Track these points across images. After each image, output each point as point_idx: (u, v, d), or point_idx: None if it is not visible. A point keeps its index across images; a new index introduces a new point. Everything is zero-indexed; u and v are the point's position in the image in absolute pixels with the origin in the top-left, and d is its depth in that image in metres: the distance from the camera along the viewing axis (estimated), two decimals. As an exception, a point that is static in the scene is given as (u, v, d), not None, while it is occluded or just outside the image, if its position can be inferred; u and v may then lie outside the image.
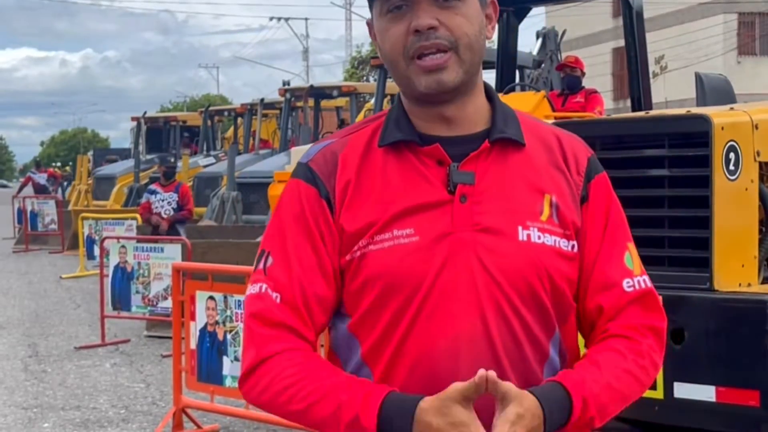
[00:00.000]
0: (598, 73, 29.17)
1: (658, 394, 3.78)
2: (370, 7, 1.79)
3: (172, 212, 11.94)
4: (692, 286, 3.79)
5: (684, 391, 3.73)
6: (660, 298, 1.82)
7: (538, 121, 1.87)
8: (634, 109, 7.60)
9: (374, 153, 1.78)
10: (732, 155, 3.82)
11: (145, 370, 8.65)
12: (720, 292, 3.74)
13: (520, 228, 1.71)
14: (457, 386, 1.58)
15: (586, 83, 9.36)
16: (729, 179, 3.81)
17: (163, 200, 12.02)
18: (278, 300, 1.75)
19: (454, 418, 1.57)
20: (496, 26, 1.84)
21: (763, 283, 4.01)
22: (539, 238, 1.72)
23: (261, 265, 1.80)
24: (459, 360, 1.66)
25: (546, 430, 1.62)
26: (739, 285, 3.82)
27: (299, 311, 1.75)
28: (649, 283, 1.81)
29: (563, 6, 25.62)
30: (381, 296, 1.70)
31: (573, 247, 1.75)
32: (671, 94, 24.14)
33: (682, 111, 4.12)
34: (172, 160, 12.85)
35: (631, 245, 1.84)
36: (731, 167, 3.82)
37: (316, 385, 1.68)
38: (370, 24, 1.83)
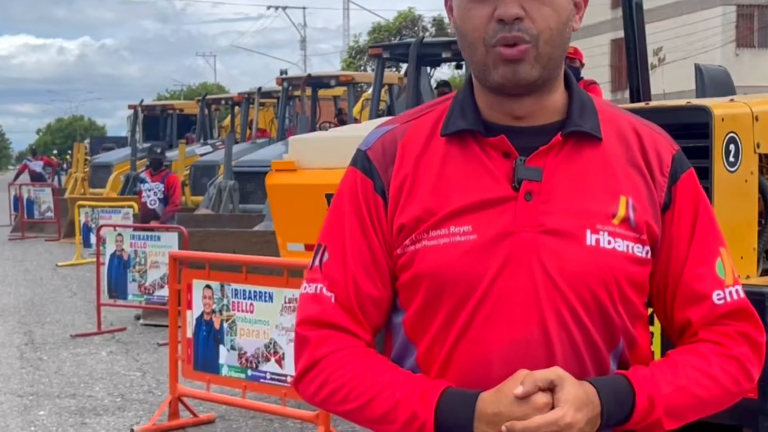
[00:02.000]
0: (597, 65, 29.16)
1: (656, 385, 3.77)
2: None
3: (157, 202, 11.84)
4: (691, 277, 3.78)
5: (682, 382, 3.72)
6: (755, 310, 1.68)
7: (616, 109, 1.75)
8: (632, 101, 7.56)
9: (436, 141, 1.67)
10: (732, 147, 3.80)
11: (141, 359, 8.64)
12: (719, 284, 3.73)
13: (588, 231, 1.59)
14: (518, 376, 1.52)
15: (585, 75, 9.32)
16: (729, 171, 3.80)
17: (149, 190, 11.95)
18: (333, 300, 1.69)
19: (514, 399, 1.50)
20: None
21: (762, 275, 4.00)
22: (609, 243, 1.59)
23: (317, 261, 1.74)
24: (514, 368, 1.55)
25: (602, 423, 1.54)
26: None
27: (354, 312, 1.69)
28: (742, 294, 1.68)
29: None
30: (433, 296, 1.62)
31: (647, 252, 1.63)
32: (669, 86, 24.11)
33: (682, 102, 4.10)
34: (159, 150, 12.68)
35: (724, 250, 1.70)
36: (731, 159, 3.80)
37: (372, 383, 1.62)
38: (448, 1, 1.71)
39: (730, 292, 1.66)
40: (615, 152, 1.65)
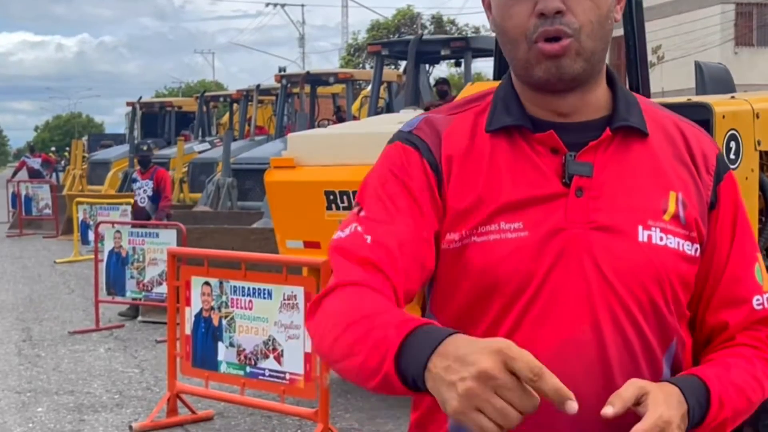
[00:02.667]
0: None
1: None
2: None
3: (146, 200, 11.77)
4: (691, 275, 3.77)
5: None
6: None
7: (658, 107, 1.74)
8: (632, 98, 7.57)
9: (481, 137, 1.63)
10: (733, 144, 3.80)
11: (140, 356, 8.63)
12: (719, 281, 3.73)
13: (640, 227, 1.56)
14: (527, 358, 1.27)
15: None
16: (729, 168, 3.79)
17: (140, 188, 11.89)
18: (369, 240, 1.55)
19: (480, 366, 1.27)
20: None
21: (762, 272, 3.99)
22: (661, 239, 1.57)
23: (354, 212, 1.62)
24: (566, 368, 1.47)
25: (689, 421, 1.49)
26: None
27: (392, 254, 1.54)
28: None
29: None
30: (482, 294, 1.56)
31: (696, 251, 1.60)
32: (668, 84, 24.10)
33: (683, 99, 4.10)
34: (146, 148, 12.60)
35: (760, 256, 1.69)
36: (732, 156, 3.80)
37: (361, 314, 1.44)
38: None
39: (765, 298, 1.65)
40: (662, 148, 1.64)
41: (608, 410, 1.41)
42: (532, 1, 1.56)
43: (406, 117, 7.22)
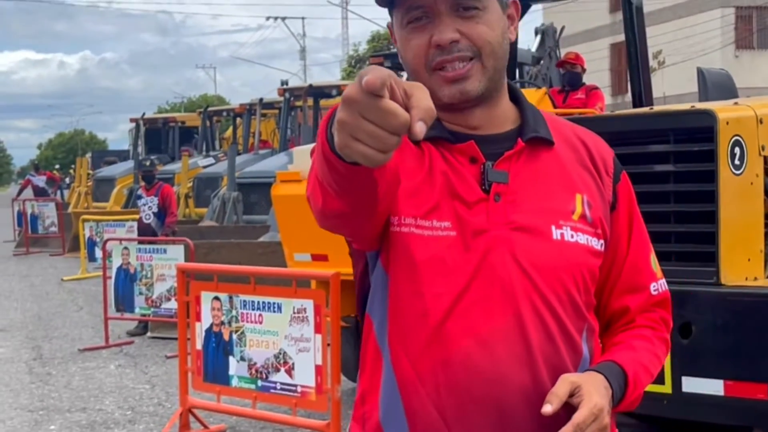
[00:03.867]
0: (596, 69, 29.16)
1: (667, 388, 3.79)
2: (390, 13, 1.78)
3: (152, 216, 11.75)
4: (699, 280, 3.80)
5: (692, 385, 3.74)
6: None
7: (559, 119, 1.87)
8: (635, 105, 7.60)
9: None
10: (737, 150, 3.83)
11: (150, 371, 8.66)
12: (726, 286, 3.75)
13: (553, 227, 1.72)
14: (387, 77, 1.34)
15: (586, 79, 9.36)
16: (734, 174, 3.82)
17: (145, 204, 11.88)
18: None
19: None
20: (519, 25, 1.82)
21: (769, 276, 4.02)
22: (572, 237, 1.73)
23: None
24: (494, 354, 1.67)
25: (613, 404, 1.69)
26: (746, 279, 3.84)
27: None
28: (666, 286, 1.90)
29: (561, 3, 25.64)
30: (417, 283, 1.69)
31: (602, 245, 1.78)
32: (669, 89, 24.12)
33: (686, 106, 4.13)
34: (149, 164, 12.61)
35: (652, 247, 1.89)
36: (736, 162, 3.83)
37: None
38: (390, 27, 1.81)
39: (661, 284, 1.88)
40: (566, 155, 1.79)
41: (547, 408, 1.61)
42: (428, 33, 1.70)
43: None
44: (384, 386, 1.74)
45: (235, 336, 6.13)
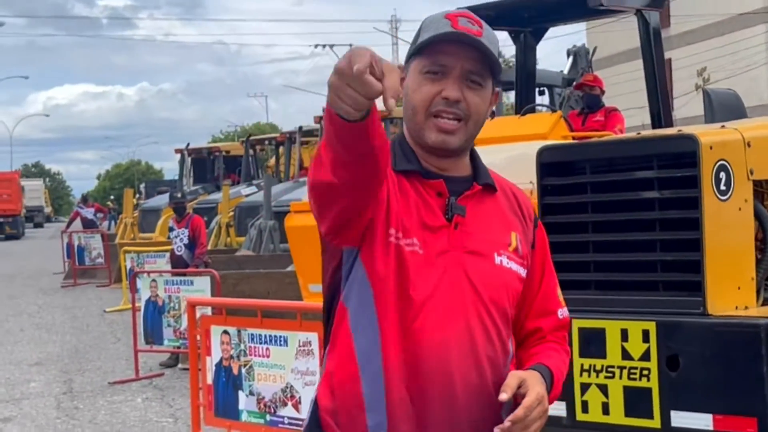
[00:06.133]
0: (638, 89, 28.84)
1: (655, 423, 3.67)
2: (409, 59, 2.17)
3: (183, 248, 11.80)
4: (686, 311, 3.67)
5: (681, 419, 3.61)
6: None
7: (496, 173, 2.30)
8: (653, 126, 7.47)
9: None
10: (723, 175, 3.71)
11: (176, 404, 8.66)
12: (714, 316, 3.62)
13: (495, 254, 2.15)
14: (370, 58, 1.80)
15: (623, 98, 9.24)
16: (720, 199, 3.70)
17: (176, 236, 11.95)
18: None
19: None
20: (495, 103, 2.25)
21: (763, 304, 3.88)
22: (507, 263, 2.17)
23: None
24: (448, 355, 2.07)
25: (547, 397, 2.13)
26: (736, 308, 3.70)
27: None
28: (567, 312, 2.34)
29: (602, 21, 25.42)
30: (398, 285, 2.07)
31: (525, 274, 2.21)
32: (714, 106, 23.70)
33: (673, 131, 4.02)
34: (180, 195, 12.69)
35: (557, 281, 2.35)
36: (722, 187, 3.71)
37: None
38: (402, 68, 2.12)
39: (565, 310, 2.32)
40: (504, 202, 2.25)
41: (503, 396, 2.03)
42: (440, 86, 2.11)
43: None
44: (363, 366, 2.09)
45: (244, 370, 6.09)
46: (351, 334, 2.11)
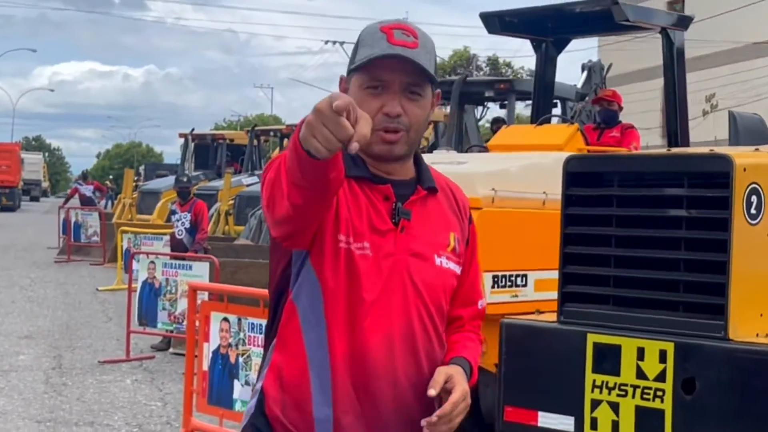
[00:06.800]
0: (649, 109, 28.81)
1: (667, 446, 3.58)
2: (349, 74, 2.29)
3: (184, 232, 11.71)
4: (706, 333, 3.59)
5: (693, 444, 3.53)
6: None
7: (436, 170, 2.45)
8: (670, 145, 7.40)
9: None
10: (754, 198, 3.63)
11: (165, 388, 8.58)
12: (735, 342, 3.53)
13: (436, 256, 2.32)
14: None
15: (634, 117, 9.13)
16: (750, 223, 3.62)
17: (178, 220, 11.86)
18: None
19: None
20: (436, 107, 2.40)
21: (786, 333, 3.79)
22: (446, 264, 2.34)
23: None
24: (391, 349, 2.25)
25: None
26: (757, 335, 3.62)
27: None
28: (485, 302, 2.55)
29: (615, 39, 25.36)
30: (348, 287, 2.21)
31: (460, 271, 2.40)
32: (721, 133, 23.68)
33: (705, 150, 3.94)
34: (185, 180, 12.61)
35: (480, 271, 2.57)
36: (753, 211, 3.63)
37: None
38: (344, 80, 2.32)
39: (484, 301, 2.53)
40: (444, 201, 2.41)
41: (432, 392, 2.20)
42: (381, 102, 2.23)
43: (437, 158, 7.12)
44: (311, 361, 2.23)
45: (241, 359, 6.01)
46: (301, 330, 2.24)
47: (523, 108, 24.18)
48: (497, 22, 7.75)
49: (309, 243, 2.20)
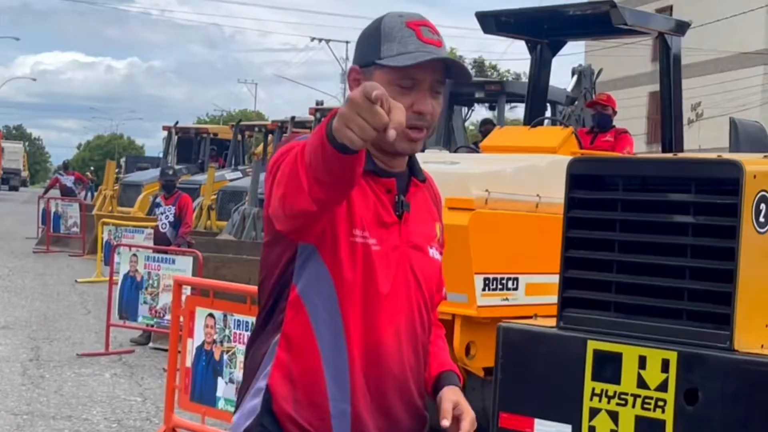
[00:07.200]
0: (634, 116, 28.84)
1: (667, 457, 3.50)
2: (370, 65, 2.25)
3: (167, 226, 11.56)
4: (710, 343, 3.50)
5: (695, 457, 3.44)
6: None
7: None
8: (664, 152, 7.33)
9: None
10: (763, 206, 3.55)
11: (144, 383, 8.43)
12: (740, 352, 3.44)
13: (428, 247, 2.37)
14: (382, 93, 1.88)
15: (619, 124, 9.08)
16: (758, 231, 3.53)
17: (162, 213, 11.71)
18: None
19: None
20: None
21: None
22: (435, 254, 2.39)
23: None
24: (400, 344, 2.28)
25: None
26: (762, 347, 3.53)
27: None
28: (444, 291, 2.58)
29: (603, 45, 25.36)
30: (363, 288, 2.21)
31: (441, 260, 2.44)
32: (705, 142, 23.74)
33: (713, 156, 3.86)
34: (171, 173, 12.46)
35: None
36: (761, 219, 3.54)
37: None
38: (356, 71, 2.29)
39: (446, 290, 2.54)
40: (428, 192, 2.44)
41: (445, 422, 2.26)
42: (411, 98, 2.22)
43: (429, 156, 7.01)
44: (325, 356, 2.21)
45: (226, 356, 5.89)
46: (311, 326, 2.21)
47: (508, 110, 24.13)
48: (493, 22, 7.67)
49: (316, 236, 2.18)
